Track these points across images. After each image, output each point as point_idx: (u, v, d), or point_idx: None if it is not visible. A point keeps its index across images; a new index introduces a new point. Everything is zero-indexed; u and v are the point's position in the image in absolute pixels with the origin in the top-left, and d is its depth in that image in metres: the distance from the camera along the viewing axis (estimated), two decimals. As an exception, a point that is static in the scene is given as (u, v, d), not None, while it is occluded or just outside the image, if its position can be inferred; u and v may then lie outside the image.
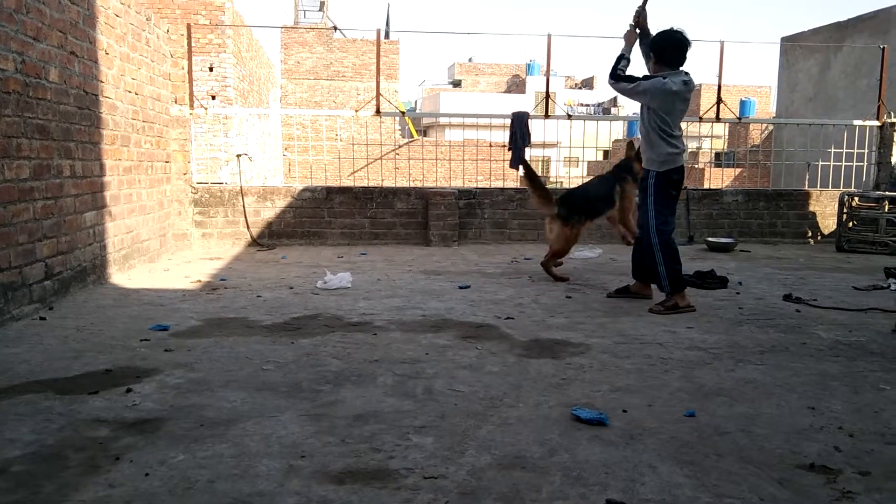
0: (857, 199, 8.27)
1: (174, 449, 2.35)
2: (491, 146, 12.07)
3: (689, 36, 4.63)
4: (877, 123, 9.19)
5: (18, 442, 2.39)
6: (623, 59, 4.72)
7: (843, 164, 9.31)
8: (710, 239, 8.19)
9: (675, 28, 4.65)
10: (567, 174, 14.41)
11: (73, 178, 4.96)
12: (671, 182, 4.66)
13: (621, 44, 4.79)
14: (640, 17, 4.81)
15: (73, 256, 4.97)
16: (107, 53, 5.58)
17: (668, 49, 4.62)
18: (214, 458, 2.28)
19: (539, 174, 6.56)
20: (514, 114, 8.44)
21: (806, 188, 9.38)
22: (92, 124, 5.30)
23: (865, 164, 9.47)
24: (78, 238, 5.04)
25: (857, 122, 9.32)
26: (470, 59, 48.87)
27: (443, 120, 29.73)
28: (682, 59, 4.65)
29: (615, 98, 41.73)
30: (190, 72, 7.69)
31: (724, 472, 2.21)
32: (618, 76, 4.70)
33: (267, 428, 2.54)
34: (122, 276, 5.80)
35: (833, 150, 9.30)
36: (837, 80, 12.22)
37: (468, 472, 2.19)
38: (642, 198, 4.74)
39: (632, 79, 4.65)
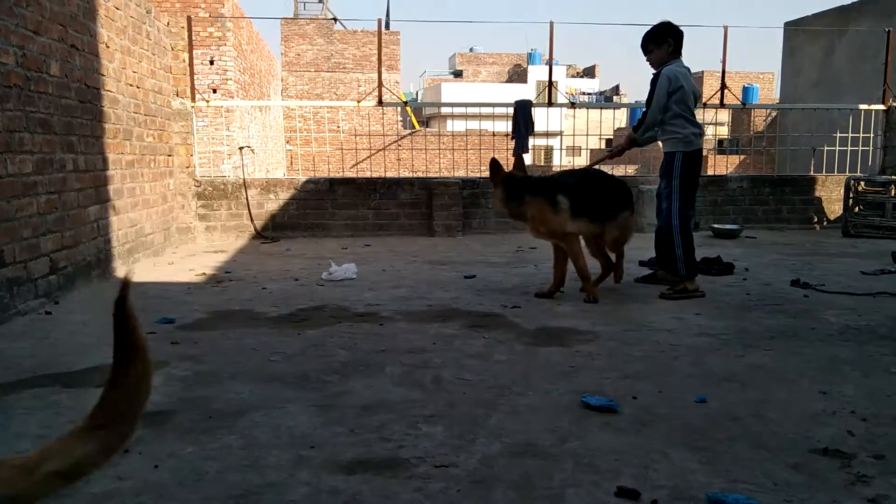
0: (863, 183, 8.22)
1: (183, 441, 2.34)
2: (494, 136, 12.01)
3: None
4: (882, 107, 9.12)
5: (27, 435, 2.39)
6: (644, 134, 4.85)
7: (849, 148, 9.26)
8: (715, 225, 8.15)
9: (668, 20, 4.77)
10: (570, 163, 14.36)
11: (75, 172, 4.94)
12: (695, 163, 4.67)
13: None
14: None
15: (78, 251, 4.96)
16: (107, 47, 5.55)
17: (678, 39, 4.68)
18: (224, 450, 2.27)
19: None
20: (517, 102, 8.41)
21: (811, 174, 9.32)
22: (94, 118, 5.28)
23: (871, 148, 9.40)
24: (82, 232, 5.03)
25: (862, 107, 9.25)
26: (471, 49, 48.55)
27: (445, 110, 29.57)
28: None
29: (617, 86, 41.58)
30: (191, 65, 7.65)
31: (736, 457, 2.19)
32: (650, 123, 4.73)
33: (276, 419, 2.53)
34: (127, 269, 5.79)
35: (838, 134, 9.25)
36: (842, 65, 12.14)
37: (479, 460, 2.18)
38: (667, 181, 4.67)
39: (660, 103, 4.61)
